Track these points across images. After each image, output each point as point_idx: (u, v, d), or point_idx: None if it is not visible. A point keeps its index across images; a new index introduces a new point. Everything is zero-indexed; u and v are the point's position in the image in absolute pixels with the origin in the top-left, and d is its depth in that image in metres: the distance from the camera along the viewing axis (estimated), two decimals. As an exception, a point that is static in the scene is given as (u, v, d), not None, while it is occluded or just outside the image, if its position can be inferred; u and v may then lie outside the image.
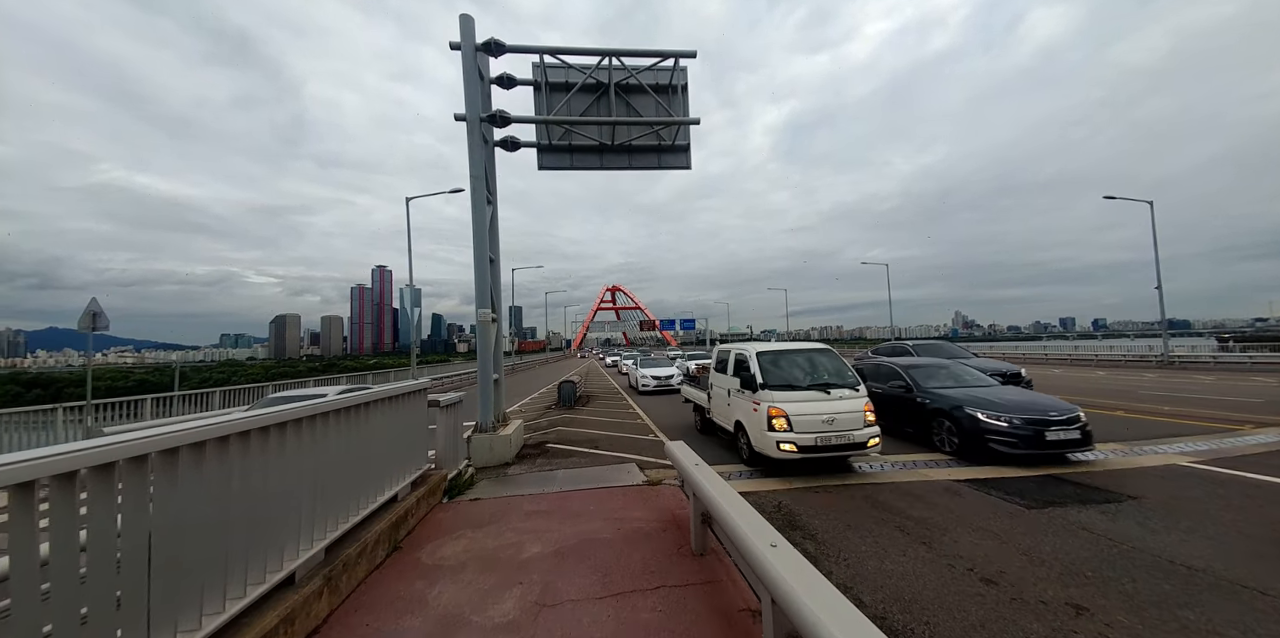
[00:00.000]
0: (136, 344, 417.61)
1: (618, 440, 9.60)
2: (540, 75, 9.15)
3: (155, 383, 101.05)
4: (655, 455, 8.11)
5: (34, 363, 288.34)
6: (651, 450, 8.53)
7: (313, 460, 3.37)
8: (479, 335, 8.40)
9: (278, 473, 2.99)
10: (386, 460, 4.38)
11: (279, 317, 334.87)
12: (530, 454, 8.61)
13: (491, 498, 5.33)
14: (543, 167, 9.64)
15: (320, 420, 3.50)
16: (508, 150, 9.38)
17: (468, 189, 8.44)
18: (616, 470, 7.04)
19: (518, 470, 7.47)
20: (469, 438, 7.84)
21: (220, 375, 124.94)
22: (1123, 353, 31.22)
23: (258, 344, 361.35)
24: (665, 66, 9.32)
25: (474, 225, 8.35)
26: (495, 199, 9.37)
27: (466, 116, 8.30)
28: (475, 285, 8.37)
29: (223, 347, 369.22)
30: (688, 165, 9.95)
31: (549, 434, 10.56)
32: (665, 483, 5.78)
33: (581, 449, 8.80)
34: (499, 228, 9.48)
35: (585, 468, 7.40)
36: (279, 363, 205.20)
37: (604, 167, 9.78)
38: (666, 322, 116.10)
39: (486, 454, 7.85)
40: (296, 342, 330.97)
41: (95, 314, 10.40)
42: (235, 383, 17.73)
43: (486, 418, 8.14)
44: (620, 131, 9.45)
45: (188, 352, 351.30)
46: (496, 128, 8.90)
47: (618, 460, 7.88)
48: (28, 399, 79.85)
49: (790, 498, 5.62)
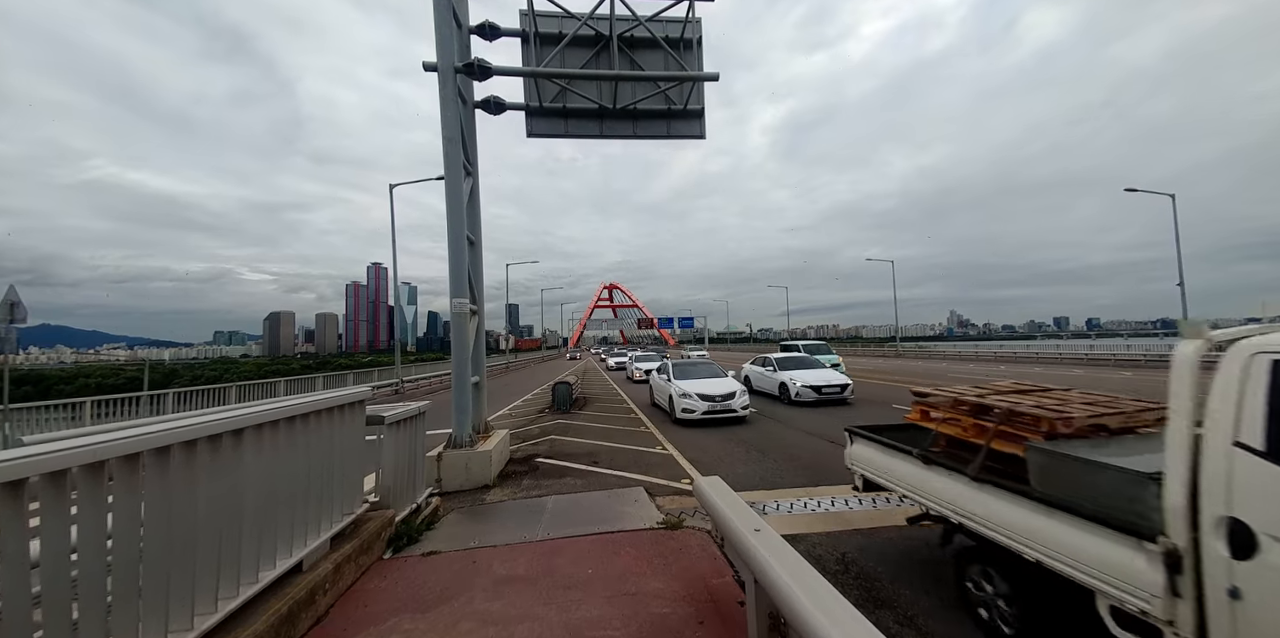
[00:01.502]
0: (129, 341, 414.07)
1: (620, 454, 8.21)
2: (529, 25, 7.71)
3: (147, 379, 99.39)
4: (666, 475, 6.72)
5: (26, 359, 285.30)
6: (662, 468, 7.14)
7: (125, 525, 1.99)
8: (453, 330, 6.99)
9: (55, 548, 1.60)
10: (285, 509, 2.97)
11: (273, 314, 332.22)
12: (516, 472, 7.21)
13: (453, 552, 3.90)
14: (533, 133, 8.22)
15: (153, 460, 2.12)
16: (491, 113, 7.94)
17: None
18: (621, 499, 5.64)
19: (498, 496, 6.07)
20: (440, 455, 6.44)
21: (213, 373, 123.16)
22: (1142, 352, 29.98)
23: (252, 341, 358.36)
24: (676, 17, 7.90)
25: (448, 198, 6.93)
26: (476, 170, 7.95)
27: (438, 66, 6.86)
28: (450, 270, 6.96)
29: (216, 344, 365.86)
30: (701, 134, 8.53)
31: (540, 446, 9.16)
32: (688, 526, 4.37)
33: (578, 466, 7.41)
34: (480, 203, 8.05)
35: (582, 493, 6.00)
36: (272, 360, 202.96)
37: (604, 134, 8.35)
38: (665, 320, 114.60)
39: (461, 476, 6.45)
40: (291, 339, 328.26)
41: (13, 304, 8.94)
42: (228, 380, 16.52)
43: (462, 431, 6.74)
44: (623, 92, 8.02)
45: (181, 349, 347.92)
46: (475, 81, 7.46)
47: (621, 482, 6.49)
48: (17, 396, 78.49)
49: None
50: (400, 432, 4.52)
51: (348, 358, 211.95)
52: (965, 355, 37.46)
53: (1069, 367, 27.94)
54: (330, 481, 3.47)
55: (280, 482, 2.96)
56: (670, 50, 7.78)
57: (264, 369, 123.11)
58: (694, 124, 8.50)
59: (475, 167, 7.93)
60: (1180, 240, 29.36)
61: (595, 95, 7.98)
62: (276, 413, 2.94)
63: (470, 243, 7.88)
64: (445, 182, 6.94)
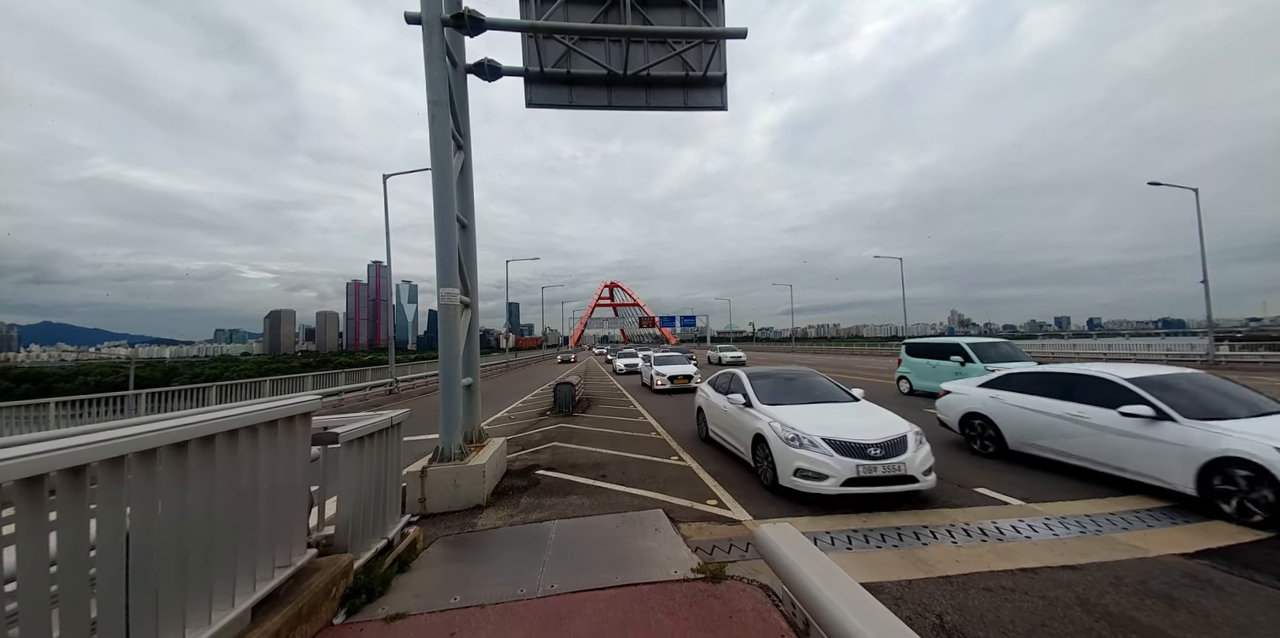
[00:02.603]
0: (131, 339, 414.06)
1: (631, 465, 7.27)
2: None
3: (145, 378, 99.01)
4: (688, 493, 5.76)
5: (27, 357, 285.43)
6: (681, 484, 6.19)
7: None
8: (441, 325, 6.05)
9: None
10: (172, 574, 2.04)
11: (273, 312, 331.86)
12: (514, 488, 6.28)
13: (425, 615, 2.92)
14: (533, 103, 7.26)
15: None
16: (485, 78, 7.00)
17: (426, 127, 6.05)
18: (639, 526, 4.70)
19: (492, 520, 5.13)
20: (424, 471, 5.50)
21: (213, 371, 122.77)
22: (1163, 351, 29.01)
23: (252, 340, 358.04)
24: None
25: (434, 173, 5.98)
26: (468, 144, 7.00)
27: (422, 17, 5.91)
28: (437, 256, 6.01)
29: (218, 342, 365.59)
30: (722, 105, 7.57)
31: (541, 453, 8.23)
32: (732, 576, 3.37)
33: (583, 480, 6.47)
34: (472, 182, 7.10)
35: (590, 517, 5.06)
36: (273, 359, 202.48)
37: (613, 105, 7.39)
38: (666, 318, 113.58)
39: (449, 495, 5.51)
40: (291, 338, 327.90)
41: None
42: (228, 379, 15.78)
43: (451, 442, 5.80)
44: (635, 57, 7.06)
45: (182, 347, 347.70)
46: (466, 36, 6.51)
47: (635, 501, 5.55)
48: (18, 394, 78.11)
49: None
50: (364, 450, 3.58)
51: (348, 356, 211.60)
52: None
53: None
54: (254, 525, 2.53)
55: (163, 535, 2.02)
56: (690, 2, 6.82)
57: (264, 367, 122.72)
58: (714, 94, 7.54)
59: (467, 140, 6.98)
60: (1203, 238, 28.36)
61: (604, 59, 7.01)
62: (159, 438, 2.01)
63: (462, 226, 6.94)
64: (431, 153, 5.99)
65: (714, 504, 5.35)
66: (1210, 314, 28.41)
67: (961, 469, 6.37)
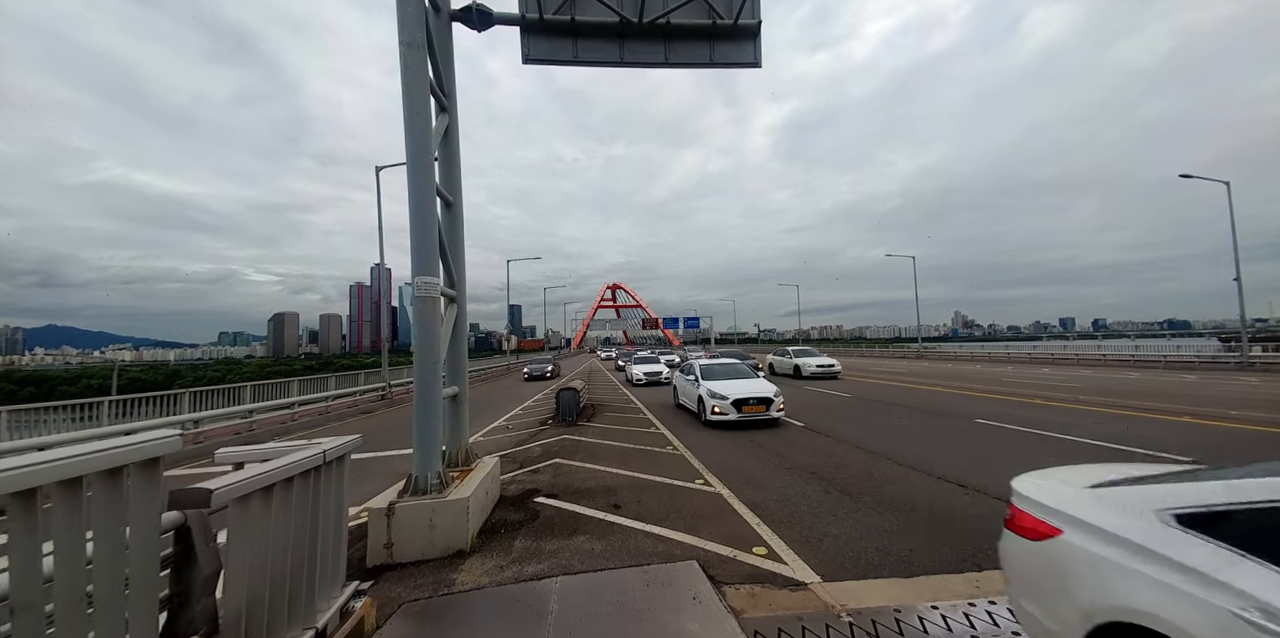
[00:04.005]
0: (135, 342, 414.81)
1: (647, 490, 6.07)
2: (526, -94, 5.62)
3: (148, 381, 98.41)
4: (724, 534, 4.56)
5: (32, 360, 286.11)
6: (714, 519, 4.98)
7: None
8: (416, 323, 4.86)
9: None
10: None
11: (277, 315, 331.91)
12: (507, 524, 5.08)
13: None
14: (531, 58, 6.08)
15: None
16: (474, 27, 5.83)
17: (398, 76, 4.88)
18: (669, 591, 3.50)
19: (476, 576, 3.94)
20: (391, 508, 4.32)
21: (215, 374, 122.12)
22: (1194, 353, 27.63)
23: (256, 342, 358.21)
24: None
25: (407, 131, 4.80)
26: (453, 105, 5.84)
27: (392, -62, 4.75)
28: (411, 238, 4.82)
29: (221, 345, 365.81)
30: (755, 60, 6.38)
31: (541, 474, 7.04)
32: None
33: (592, 513, 5.28)
34: (459, 152, 5.93)
35: (604, 572, 3.87)
36: (275, 361, 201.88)
37: (626, 61, 6.21)
38: (669, 320, 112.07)
39: (423, 538, 4.33)
40: (295, 340, 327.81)
41: None
42: (230, 381, 14.88)
43: (427, 469, 4.61)
44: (652, 0, 5.89)
45: (186, 349, 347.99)
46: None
47: (659, 546, 4.36)
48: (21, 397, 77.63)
49: None
50: (273, 506, 2.40)
51: (351, 358, 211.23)
52: (996, 357, 35.01)
53: (1118, 369, 25.60)
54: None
55: None
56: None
57: (266, 370, 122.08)
58: (745, 47, 6.35)
59: (453, 101, 5.82)
60: (1235, 233, 27.06)
61: (615, 3, 5.83)
62: None
63: (446, 204, 5.77)
64: (404, 108, 4.81)
65: (762, 554, 4.15)
66: (1244, 313, 27.08)
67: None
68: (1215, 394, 13.71)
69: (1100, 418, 10.24)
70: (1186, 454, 6.85)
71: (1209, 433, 8.51)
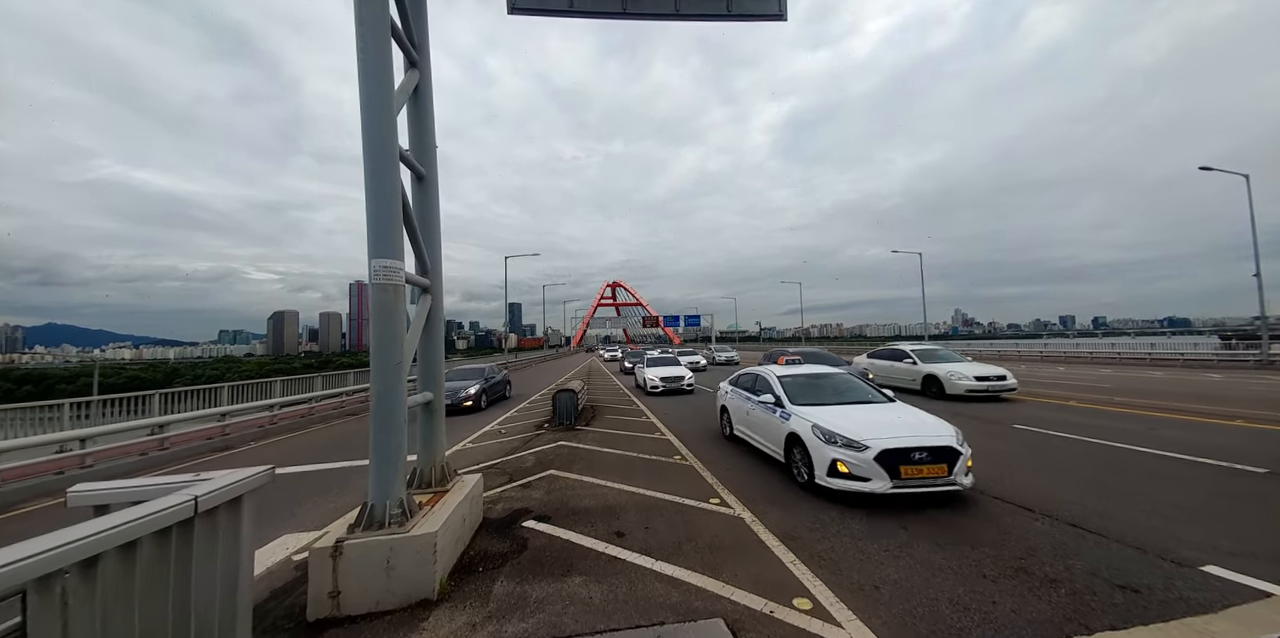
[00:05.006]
0: (135, 340, 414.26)
1: (656, 512, 5.20)
2: None
3: (148, 379, 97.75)
4: (753, 577, 3.68)
5: (31, 359, 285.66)
6: (738, 555, 4.11)
7: None
8: (374, 316, 3.97)
9: None
10: None
11: (277, 313, 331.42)
12: (487, 556, 4.22)
13: None
14: (517, 8, 5.20)
15: None
16: (450, -32, 4.95)
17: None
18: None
19: (444, 635, 3.09)
20: (337, 547, 3.46)
21: (214, 372, 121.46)
22: (1212, 352, 26.76)
23: (256, 341, 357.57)
24: None
25: (361, 82, 3.91)
26: (426, 60, 4.95)
27: None
28: (368, 213, 3.94)
29: (221, 343, 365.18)
30: (780, 13, 5.49)
31: (533, 488, 6.18)
32: None
33: (591, 543, 4.41)
34: (432, 114, 5.04)
35: (606, 636, 3.02)
36: (275, 359, 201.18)
37: (630, 12, 5.31)
38: (670, 318, 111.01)
39: (378, 585, 3.46)
40: (295, 338, 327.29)
41: None
42: (229, 380, 14.25)
43: (386, 496, 3.74)
44: (662, -61, 5.00)
45: (186, 348, 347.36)
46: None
47: (674, 593, 3.49)
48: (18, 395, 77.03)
49: None
50: (99, 589, 1.54)
51: (350, 357, 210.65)
52: (1007, 355, 34.11)
53: (1136, 367, 24.68)
54: None
55: None
56: None
57: (266, 368, 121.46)
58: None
59: (425, 56, 4.93)
60: (1256, 228, 26.16)
61: (618, -60, 4.96)
62: None
63: (418, 176, 4.90)
64: (357, 50, 3.93)
65: (805, 608, 3.27)
66: (1264, 310, 26.19)
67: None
68: (1252, 395, 12.83)
69: (1151, 422, 9.38)
70: (1263, 466, 6.00)
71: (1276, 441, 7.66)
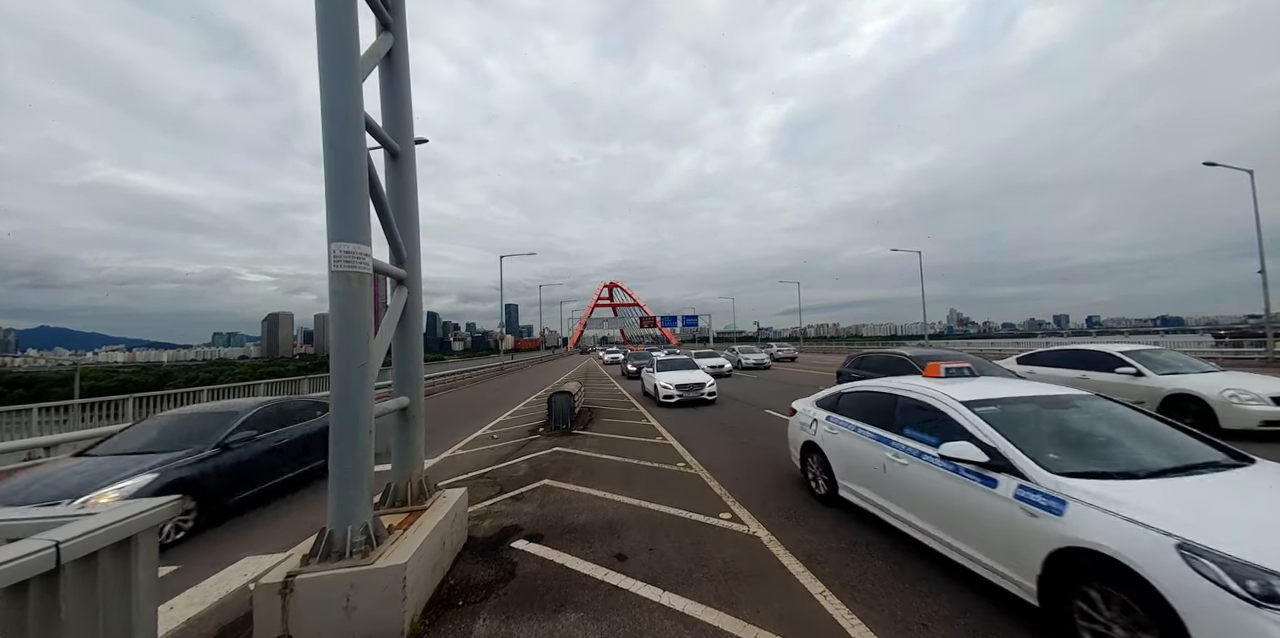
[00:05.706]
0: (128, 343, 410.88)
1: (661, 529, 4.67)
2: None
3: (140, 382, 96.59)
4: (778, 614, 3.17)
5: (24, 362, 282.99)
6: (758, 583, 3.58)
7: None
8: (333, 308, 3.42)
9: None
10: None
11: (271, 315, 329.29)
12: (468, 587, 3.68)
13: None
14: None
15: None
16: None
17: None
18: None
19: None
20: (288, 582, 2.91)
21: (207, 375, 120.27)
22: (1218, 351, 26.43)
23: (250, 343, 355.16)
24: None
25: (319, 37, 3.37)
26: (400, 23, 4.41)
27: None
28: (326, 189, 3.40)
29: (215, 345, 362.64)
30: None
31: (524, 501, 5.64)
32: None
33: (589, 569, 3.88)
34: (408, 83, 4.50)
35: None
36: (269, 362, 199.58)
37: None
38: (667, 318, 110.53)
39: (335, 627, 2.91)
40: (289, 340, 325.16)
41: None
42: (222, 382, 14.40)
43: (348, 522, 3.19)
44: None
45: (180, 351, 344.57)
46: None
47: (684, 634, 2.97)
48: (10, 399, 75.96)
49: None
50: None
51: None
52: (1009, 354, 33.69)
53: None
54: None
55: None
56: None
57: (259, 371, 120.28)
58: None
59: (400, 18, 4.38)
60: (1260, 226, 25.91)
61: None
62: None
63: (392, 153, 4.36)
64: (317, 7, 3.38)
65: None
66: (1268, 307, 25.93)
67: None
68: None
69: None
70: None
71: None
